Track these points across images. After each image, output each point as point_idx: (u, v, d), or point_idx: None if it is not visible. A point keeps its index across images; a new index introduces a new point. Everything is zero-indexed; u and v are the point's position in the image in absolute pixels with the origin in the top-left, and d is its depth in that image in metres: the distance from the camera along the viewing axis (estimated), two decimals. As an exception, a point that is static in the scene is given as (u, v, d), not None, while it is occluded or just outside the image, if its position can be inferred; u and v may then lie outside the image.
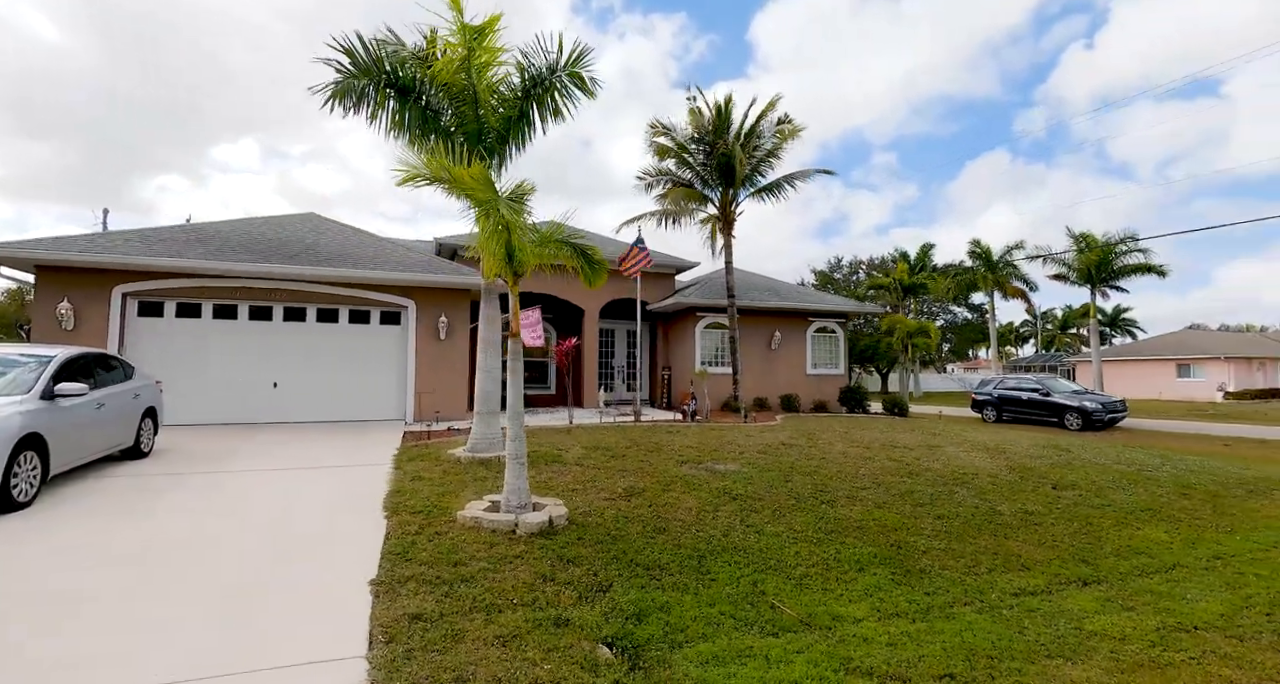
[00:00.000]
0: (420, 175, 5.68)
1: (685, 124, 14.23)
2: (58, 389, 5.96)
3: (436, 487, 6.53)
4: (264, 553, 4.54)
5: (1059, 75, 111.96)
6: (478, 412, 8.13)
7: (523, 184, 5.23)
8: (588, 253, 6.41)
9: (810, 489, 7.22)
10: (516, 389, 5.64)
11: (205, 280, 11.26)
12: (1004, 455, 10.00)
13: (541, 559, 4.63)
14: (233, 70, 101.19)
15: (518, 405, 5.63)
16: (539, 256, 5.83)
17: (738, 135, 13.93)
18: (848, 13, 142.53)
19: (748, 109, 13.99)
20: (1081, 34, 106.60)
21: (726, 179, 13.94)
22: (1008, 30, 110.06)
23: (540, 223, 5.89)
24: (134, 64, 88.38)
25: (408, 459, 8.00)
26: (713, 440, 10.04)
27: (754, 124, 14.01)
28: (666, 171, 14.78)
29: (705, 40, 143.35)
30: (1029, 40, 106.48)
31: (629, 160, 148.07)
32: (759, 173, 14.52)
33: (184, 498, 5.99)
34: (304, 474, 7.23)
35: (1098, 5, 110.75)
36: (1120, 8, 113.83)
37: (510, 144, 8.20)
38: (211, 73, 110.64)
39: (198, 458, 7.99)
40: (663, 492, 6.73)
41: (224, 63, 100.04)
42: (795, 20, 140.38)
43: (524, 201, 5.21)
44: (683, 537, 5.51)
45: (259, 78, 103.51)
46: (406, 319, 12.77)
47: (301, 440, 9.65)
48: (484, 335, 8.24)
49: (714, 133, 13.86)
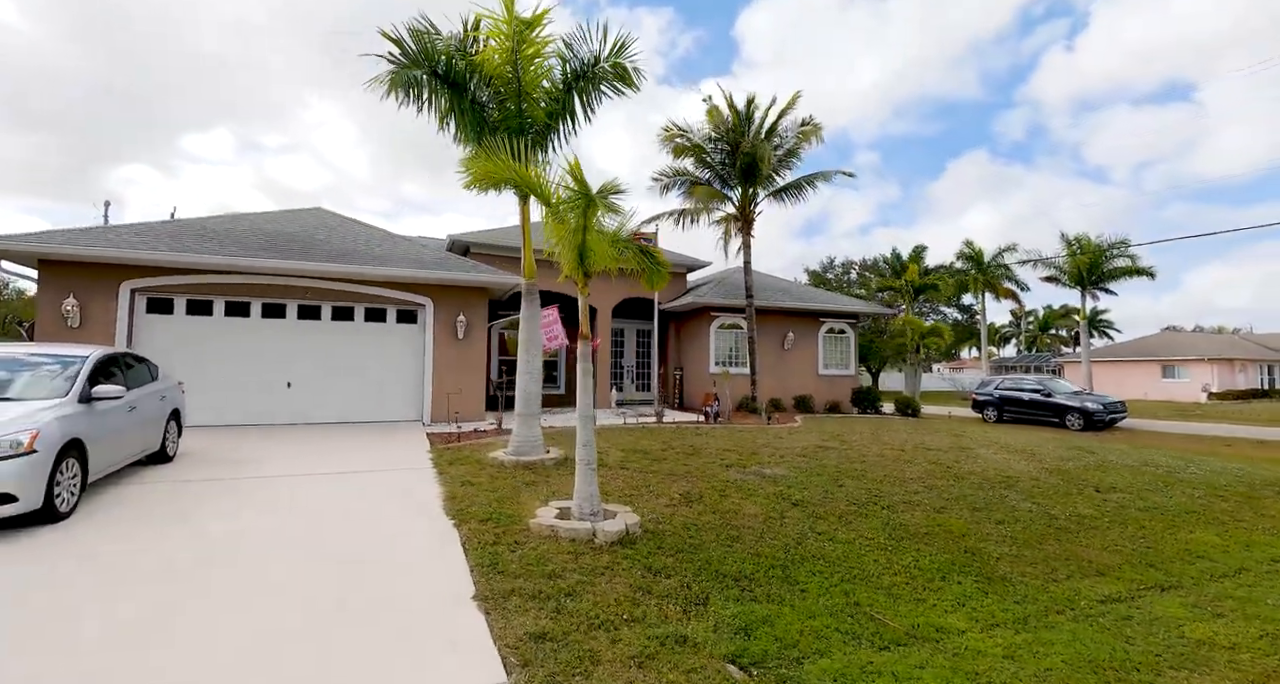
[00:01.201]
0: (491, 178, 5.48)
1: (702, 123, 14.10)
2: (94, 392, 5.63)
3: (490, 492, 6.31)
4: (339, 566, 4.30)
5: (1039, 77, 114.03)
6: (519, 413, 7.90)
7: (612, 182, 5.02)
8: (653, 254, 6.24)
9: (865, 494, 7.12)
10: (586, 392, 5.45)
11: (217, 276, 10.85)
12: (1035, 458, 10.02)
13: (630, 570, 4.46)
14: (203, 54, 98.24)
15: (588, 410, 5.43)
16: (605, 259, 5.64)
17: (756, 133, 13.82)
18: (835, 10, 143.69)
19: (768, 108, 13.90)
20: (1063, 36, 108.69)
21: (747, 178, 13.84)
22: (994, 30, 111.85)
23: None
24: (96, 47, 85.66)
25: (447, 462, 7.75)
26: (745, 443, 9.92)
27: (774, 123, 13.91)
28: (683, 172, 14.62)
29: (691, 36, 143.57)
30: (1012, 41, 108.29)
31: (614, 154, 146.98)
32: (776, 173, 14.42)
33: (229, 506, 5.69)
34: (345, 479, 6.95)
35: (1079, 8, 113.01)
36: (1101, 11, 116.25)
37: (554, 136, 7.99)
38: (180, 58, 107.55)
39: (225, 462, 7.66)
40: (720, 498, 6.58)
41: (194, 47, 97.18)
42: (782, 17, 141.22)
43: (608, 200, 5.00)
44: (759, 545, 5.37)
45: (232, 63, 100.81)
46: (423, 318, 12.46)
47: (325, 443, 9.33)
48: (526, 335, 8.01)
49: (734, 132, 13.73)
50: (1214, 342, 36.83)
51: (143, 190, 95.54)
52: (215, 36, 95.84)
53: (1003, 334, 74.91)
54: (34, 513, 4.69)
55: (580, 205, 4.92)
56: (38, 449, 4.68)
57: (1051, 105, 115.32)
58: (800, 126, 13.81)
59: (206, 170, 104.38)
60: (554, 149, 8.11)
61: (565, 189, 5.04)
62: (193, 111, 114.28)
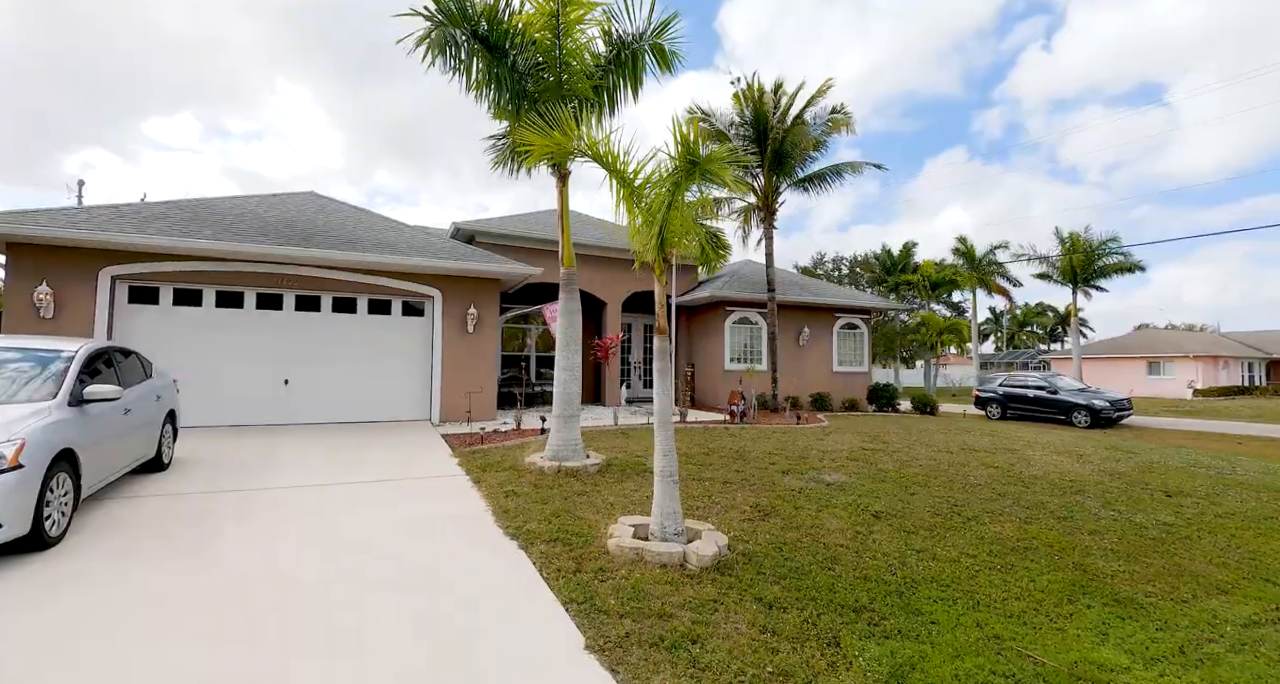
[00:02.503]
0: (554, 151, 4.77)
1: (725, 109, 13.47)
2: (87, 393, 4.81)
3: (541, 504, 5.63)
4: (408, 609, 3.58)
5: (1017, 75, 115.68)
6: (558, 415, 7.21)
7: (718, 152, 4.35)
8: (718, 237, 5.60)
9: (942, 504, 6.58)
10: (665, 393, 4.79)
11: (208, 264, 9.92)
12: (1083, 459, 9.64)
13: (743, 604, 3.83)
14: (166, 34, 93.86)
15: (667, 412, 4.78)
16: (679, 240, 4.98)
17: (781, 118, 13.21)
18: (816, 4, 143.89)
19: (794, 93, 13.29)
20: (1041, 35, 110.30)
21: (772, 166, 13.24)
22: (974, 28, 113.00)
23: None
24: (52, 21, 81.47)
25: (479, 469, 7.03)
26: (786, 445, 9.36)
27: (801, 111, 13.32)
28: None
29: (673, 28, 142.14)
30: (992, 39, 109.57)
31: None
32: (801, 162, 13.84)
33: (248, 529, 4.91)
34: (371, 491, 6.19)
35: (1057, 7, 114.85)
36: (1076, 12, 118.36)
37: (597, 112, 7.28)
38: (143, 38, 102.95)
39: (227, 470, 6.83)
40: (794, 510, 5.98)
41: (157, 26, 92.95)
42: (763, 11, 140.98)
43: (716, 167, 4.32)
44: (862, 567, 4.77)
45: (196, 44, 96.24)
46: (432, 310, 11.65)
47: (333, 446, 8.51)
48: (565, 331, 7.30)
49: (760, 118, 13.11)
50: (1198, 339, 37.45)
51: (102, 176, 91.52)
52: (178, 15, 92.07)
53: (983, 331, 76.04)
54: (20, 540, 3.90)
55: (675, 178, 4.24)
56: (24, 463, 3.88)
57: (1029, 104, 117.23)
58: (830, 114, 13.25)
59: (171, 157, 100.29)
60: (596, 126, 7.40)
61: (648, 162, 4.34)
62: (156, 94, 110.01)
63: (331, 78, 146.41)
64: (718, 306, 15.57)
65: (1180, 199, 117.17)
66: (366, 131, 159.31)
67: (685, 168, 4.17)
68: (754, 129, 13.30)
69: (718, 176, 4.32)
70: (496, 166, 8.30)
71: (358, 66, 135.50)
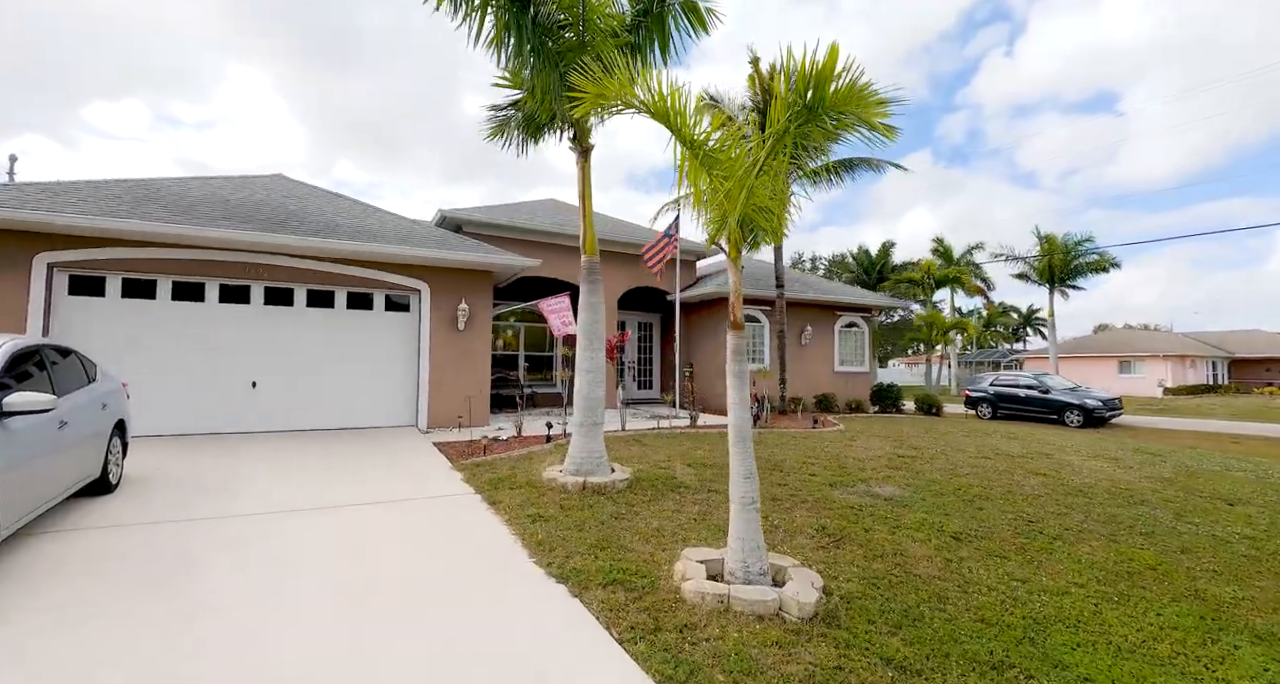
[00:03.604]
0: (615, 99, 3.90)
1: (739, 92, 12.69)
2: (8, 402, 3.74)
3: (576, 531, 4.75)
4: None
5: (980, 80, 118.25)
6: (579, 423, 6.32)
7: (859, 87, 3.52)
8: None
9: (1015, 520, 5.92)
10: (742, 405, 3.97)
11: (162, 250, 8.72)
12: (1120, 464, 9.18)
13: (870, 668, 3.04)
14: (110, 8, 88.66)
15: (745, 426, 3.96)
16: (758, 217, 4.18)
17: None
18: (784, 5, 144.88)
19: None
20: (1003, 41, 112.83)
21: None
22: (938, 32, 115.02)
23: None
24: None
25: (489, 485, 6.10)
26: (814, 452, 8.65)
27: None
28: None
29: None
30: (956, 43, 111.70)
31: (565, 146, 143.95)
32: (809, 152, 13.15)
33: (215, 575, 3.90)
34: (362, 516, 5.21)
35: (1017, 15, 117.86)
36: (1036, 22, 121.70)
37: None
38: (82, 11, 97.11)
39: (189, 491, 5.76)
40: (866, 533, 5.22)
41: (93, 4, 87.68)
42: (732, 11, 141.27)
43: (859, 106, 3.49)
44: (975, 607, 4.03)
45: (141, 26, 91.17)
46: (418, 305, 10.60)
47: (311, 458, 7.45)
48: (588, 327, 6.42)
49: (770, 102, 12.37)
50: (1167, 339, 38.38)
51: (37, 163, 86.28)
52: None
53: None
54: (-96, 608, 2.86)
55: (779, 129, 3.43)
56: (-90, 503, 2.84)
57: (991, 109, 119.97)
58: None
59: (116, 145, 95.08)
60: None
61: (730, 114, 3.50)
62: (99, 77, 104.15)
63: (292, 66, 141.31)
64: (719, 303, 14.81)
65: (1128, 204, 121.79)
66: (328, 123, 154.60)
67: (794, 115, 3.35)
68: (763, 115, 12.56)
69: (863, 118, 3.50)
70: (492, 138, 7.36)
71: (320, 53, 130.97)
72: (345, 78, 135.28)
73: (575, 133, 6.43)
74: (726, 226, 3.90)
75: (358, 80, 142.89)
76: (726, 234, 4.00)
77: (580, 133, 6.40)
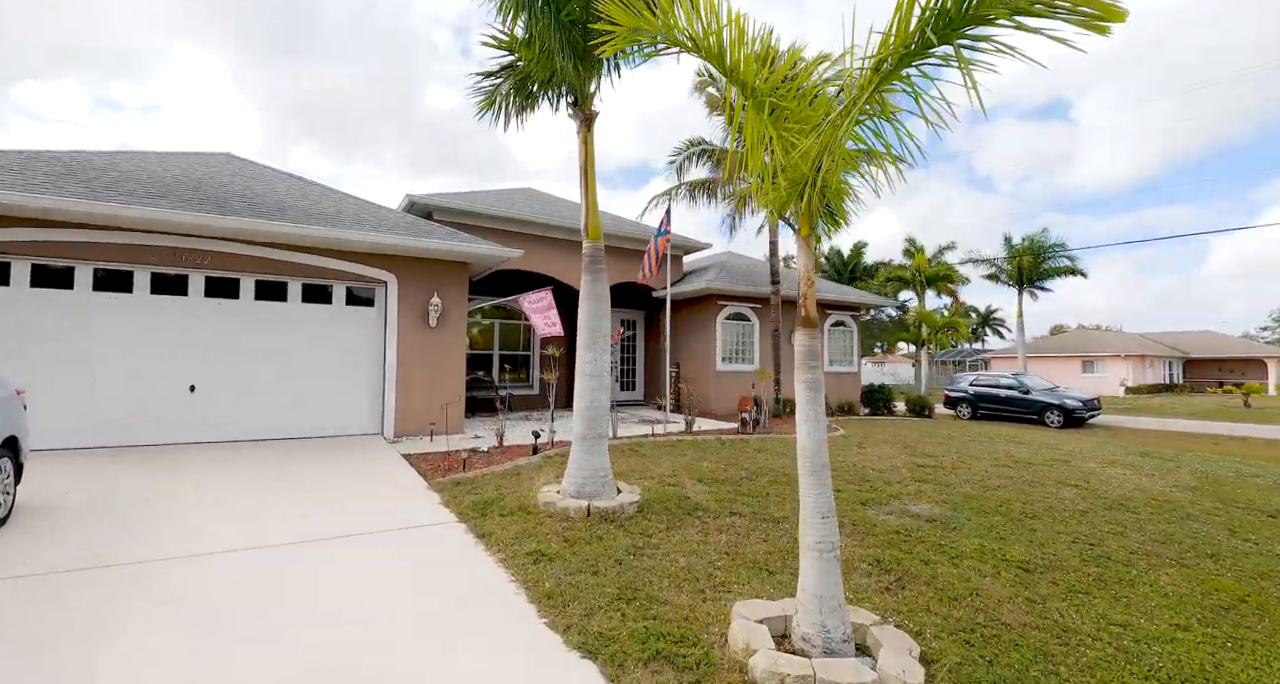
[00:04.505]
0: (658, 31, 3.05)
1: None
2: None
3: (591, 576, 3.87)
4: None
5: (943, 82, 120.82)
6: (581, 436, 5.42)
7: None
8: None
9: (1074, 543, 5.27)
10: (816, 416, 3.16)
11: (81, 232, 7.46)
12: (1139, 470, 8.74)
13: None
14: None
15: (821, 455, 3.15)
16: (837, 186, 3.37)
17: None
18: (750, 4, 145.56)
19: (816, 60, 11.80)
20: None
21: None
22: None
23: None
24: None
25: (475, 511, 5.16)
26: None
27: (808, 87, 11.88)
28: (698, 142, 12.39)
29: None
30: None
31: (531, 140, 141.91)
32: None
33: (120, 663, 2.90)
34: (318, 557, 4.21)
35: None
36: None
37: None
38: None
39: (96, 525, 4.66)
40: (924, 566, 4.48)
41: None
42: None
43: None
44: (1088, 665, 3.31)
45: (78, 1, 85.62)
46: (385, 298, 9.50)
47: (256, 477, 6.36)
48: (590, 322, 5.52)
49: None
50: (1127, 340, 39.37)
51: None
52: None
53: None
54: None
55: (895, 53, 2.61)
56: None
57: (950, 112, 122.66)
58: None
59: (51, 129, 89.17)
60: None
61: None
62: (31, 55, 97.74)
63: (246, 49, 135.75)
64: (709, 300, 14.04)
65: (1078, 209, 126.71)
66: (283, 110, 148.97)
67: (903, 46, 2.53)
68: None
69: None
70: (483, 111, 6.36)
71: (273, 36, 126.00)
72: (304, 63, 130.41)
73: (575, 97, 5.51)
74: (802, 194, 3.06)
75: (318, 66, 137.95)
76: (797, 208, 3.17)
77: (581, 97, 5.48)
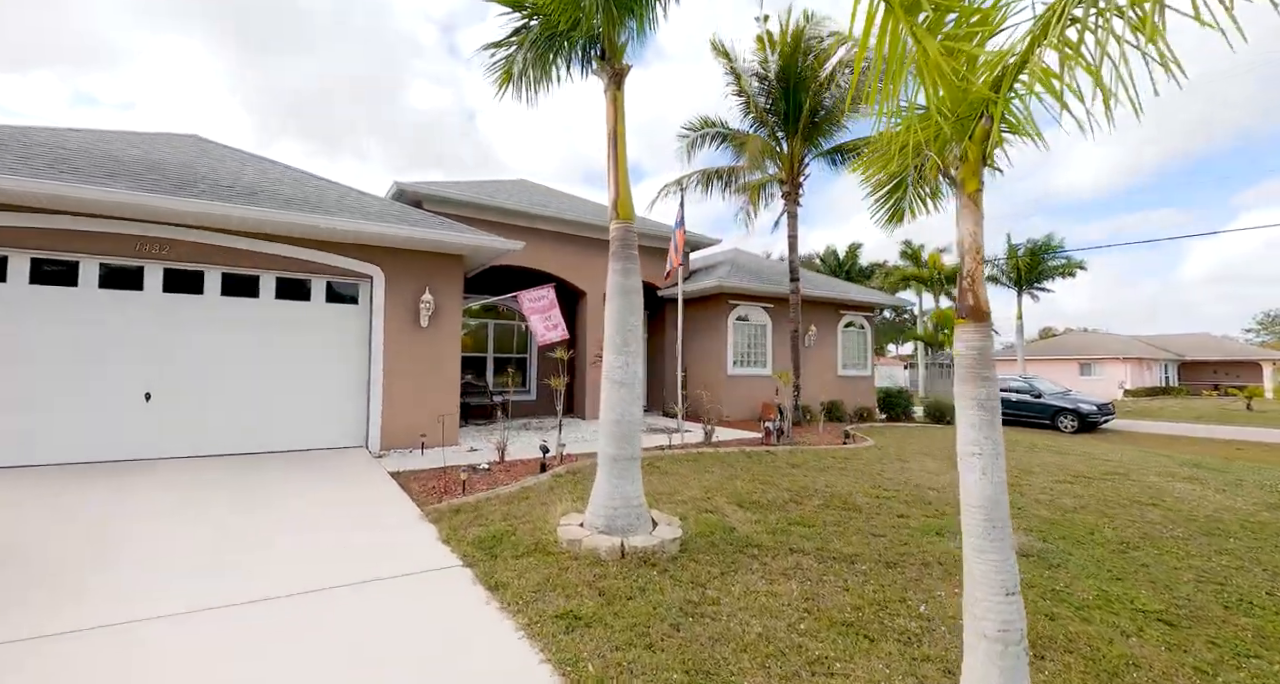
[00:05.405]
0: None
1: (750, 59, 11.05)
2: None
3: (643, 648, 2.95)
4: None
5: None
6: (611, 457, 4.49)
7: None
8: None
9: (1202, 582, 4.43)
10: (996, 450, 2.27)
11: (16, 215, 6.40)
12: (1206, 485, 7.98)
13: None
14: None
15: (1002, 507, 2.26)
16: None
17: (815, 67, 10.90)
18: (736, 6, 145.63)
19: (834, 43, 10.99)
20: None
21: (805, 130, 10.94)
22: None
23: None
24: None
25: (486, 552, 4.20)
26: (874, 479, 7.09)
27: (835, 66, 11.10)
28: (713, 123, 11.53)
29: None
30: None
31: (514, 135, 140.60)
32: (823, 131, 11.67)
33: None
34: (287, 620, 3.24)
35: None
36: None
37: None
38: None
39: (13, 573, 3.65)
40: (1054, 623, 3.61)
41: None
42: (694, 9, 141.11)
43: None
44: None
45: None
46: (369, 295, 8.50)
47: (217, 505, 5.35)
48: (618, 318, 4.59)
49: (788, 68, 10.78)
50: (1125, 343, 39.13)
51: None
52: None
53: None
54: None
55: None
56: None
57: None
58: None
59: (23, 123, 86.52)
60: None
61: None
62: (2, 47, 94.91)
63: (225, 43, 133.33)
64: (719, 299, 13.14)
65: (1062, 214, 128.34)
66: (264, 105, 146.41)
67: None
68: (780, 84, 10.96)
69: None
70: (502, 86, 5.40)
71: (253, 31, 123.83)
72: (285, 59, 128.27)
73: (604, 50, 4.60)
74: (970, 133, 2.17)
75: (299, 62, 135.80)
76: (957, 152, 2.28)
77: (611, 49, 4.57)
